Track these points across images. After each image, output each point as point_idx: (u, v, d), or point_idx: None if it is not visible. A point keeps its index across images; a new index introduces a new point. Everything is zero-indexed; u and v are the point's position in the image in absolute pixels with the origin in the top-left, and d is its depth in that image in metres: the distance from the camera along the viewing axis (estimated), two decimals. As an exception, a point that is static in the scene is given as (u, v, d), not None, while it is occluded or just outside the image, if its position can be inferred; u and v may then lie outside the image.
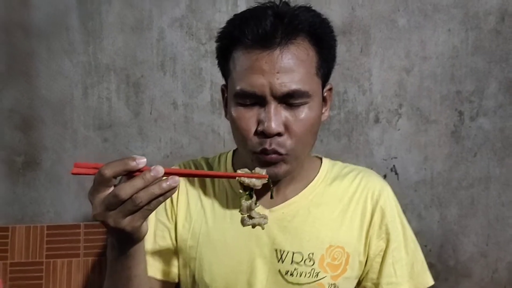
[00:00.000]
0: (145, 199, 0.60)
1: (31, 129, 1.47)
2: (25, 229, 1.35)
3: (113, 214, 0.61)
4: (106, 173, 0.60)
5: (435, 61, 1.50)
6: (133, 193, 0.60)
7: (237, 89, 0.80)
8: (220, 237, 0.89)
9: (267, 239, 0.87)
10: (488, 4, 1.50)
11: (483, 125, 1.52)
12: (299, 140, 0.80)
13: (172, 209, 0.92)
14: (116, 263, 0.71)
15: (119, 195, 0.59)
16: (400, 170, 1.52)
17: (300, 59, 0.79)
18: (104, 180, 0.60)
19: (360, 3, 1.49)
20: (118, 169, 0.60)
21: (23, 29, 1.45)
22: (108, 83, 1.48)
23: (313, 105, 0.81)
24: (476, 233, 1.54)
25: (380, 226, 0.90)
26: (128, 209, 0.60)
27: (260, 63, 0.77)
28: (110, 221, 0.61)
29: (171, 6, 1.47)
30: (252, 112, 0.80)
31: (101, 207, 0.61)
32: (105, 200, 0.61)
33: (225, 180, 0.92)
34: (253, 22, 0.79)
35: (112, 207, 0.60)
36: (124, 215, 0.61)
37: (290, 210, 0.88)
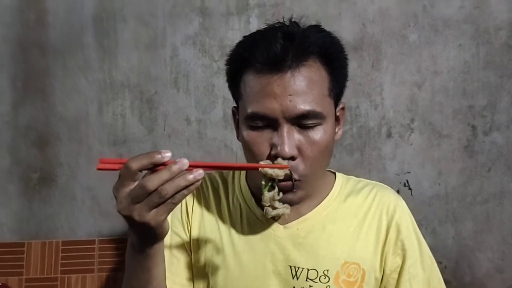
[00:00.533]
0: (170, 191, 0.60)
1: (47, 145, 1.50)
2: (40, 245, 1.36)
3: (138, 207, 0.61)
4: (132, 166, 0.61)
5: (447, 75, 1.51)
6: (160, 185, 0.60)
7: (249, 112, 0.79)
8: (234, 252, 0.88)
9: (281, 256, 0.86)
10: (499, 19, 1.50)
11: (496, 139, 1.51)
12: (313, 163, 0.79)
13: (187, 222, 0.92)
14: (136, 264, 0.71)
15: (146, 186, 0.60)
16: (413, 185, 1.51)
17: (312, 81, 0.78)
18: (130, 174, 0.61)
19: (371, 19, 1.51)
20: (144, 162, 0.61)
21: (40, 48, 1.49)
22: (123, 100, 1.50)
23: (326, 126, 0.80)
24: (491, 249, 1.52)
25: (396, 242, 0.89)
26: (153, 201, 0.61)
27: (272, 87, 0.76)
28: (135, 215, 0.61)
29: (184, 24, 1.50)
30: (264, 135, 0.79)
31: (127, 200, 0.62)
32: (132, 192, 0.61)
33: (240, 195, 0.92)
34: (263, 45, 0.78)
35: (138, 200, 0.61)
36: (150, 208, 0.61)
37: (305, 226, 0.88)
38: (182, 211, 0.93)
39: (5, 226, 1.48)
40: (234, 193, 0.93)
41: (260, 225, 0.88)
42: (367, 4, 1.50)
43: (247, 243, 0.88)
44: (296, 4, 1.50)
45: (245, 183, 0.93)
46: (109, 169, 0.64)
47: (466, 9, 1.50)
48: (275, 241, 0.87)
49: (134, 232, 0.68)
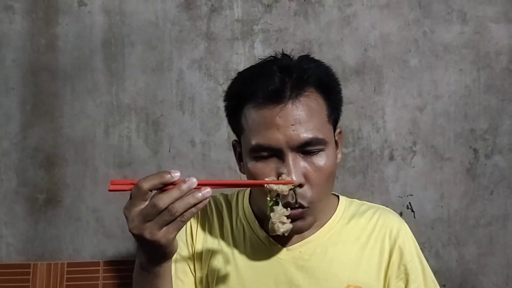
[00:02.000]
0: (181, 209, 0.62)
1: (53, 167, 1.52)
2: (46, 266, 1.37)
3: (149, 225, 0.63)
4: (143, 186, 0.63)
5: (448, 99, 1.53)
6: (170, 203, 0.62)
7: (253, 143, 0.80)
8: (237, 275, 0.89)
9: (284, 278, 0.87)
10: (499, 44, 1.53)
11: (499, 162, 1.52)
12: (320, 189, 0.81)
13: (192, 244, 0.93)
14: (145, 284, 0.72)
15: (157, 204, 0.62)
16: (416, 207, 1.52)
17: (311, 109, 0.80)
18: (141, 193, 0.63)
19: (372, 44, 1.54)
20: (155, 182, 0.63)
21: (49, 71, 1.52)
22: (129, 122, 1.53)
23: (329, 151, 0.82)
24: (495, 273, 1.51)
25: (399, 266, 0.89)
26: (164, 219, 0.62)
27: (274, 119, 0.78)
28: (146, 233, 0.63)
29: (190, 49, 1.54)
30: (270, 165, 0.80)
31: (138, 219, 0.63)
32: (143, 211, 0.63)
33: (243, 218, 0.93)
34: (261, 79, 0.81)
35: (150, 218, 0.63)
36: (160, 226, 0.63)
37: (308, 248, 0.88)
38: (186, 233, 0.94)
39: (12, 247, 1.50)
40: (238, 215, 0.94)
41: (263, 247, 0.89)
42: (369, 30, 1.54)
43: (250, 265, 0.89)
44: (299, 30, 1.53)
45: (249, 206, 0.94)
46: (121, 190, 0.66)
47: (466, 35, 1.54)
48: (278, 263, 0.88)
49: (144, 251, 0.69)
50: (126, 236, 1.50)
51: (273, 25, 1.54)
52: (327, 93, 0.84)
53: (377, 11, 1.54)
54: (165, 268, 0.71)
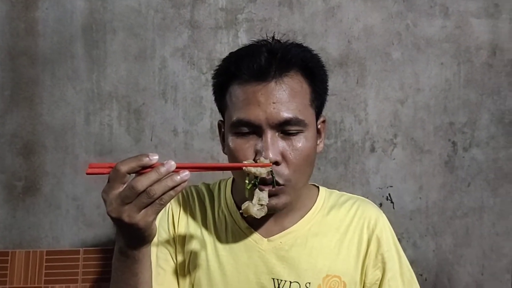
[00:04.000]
0: (159, 192, 0.62)
1: (32, 154, 1.49)
2: (24, 254, 1.35)
3: (127, 208, 0.63)
4: (121, 169, 0.63)
5: (429, 93, 1.55)
6: (148, 186, 0.62)
7: (234, 119, 0.82)
8: (218, 264, 0.89)
9: (264, 269, 0.88)
10: (480, 39, 1.56)
11: (476, 155, 1.55)
12: (296, 169, 0.82)
13: (174, 233, 0.93)
14: (123, 270, 0.71)
15: (135, 186, 0.62)
16: (395, 199, 1.54)
17: (294, 90, 0.82)
18: (119, 176, 0.63)
19: (356, 36, 1.55)
20: (133, 165, 0.63)
21: (29, 56, 1.49)
22: (110, 110, 1.51)
23: (308, 135, 0.83)
24: (471, 263, 1.55)
25: (376, 255, 0.91)
26: (142, 202, 0.62)
27: (256, 95, 0.80)
28: (124, 216, 0.63)
29: (173, 37, 1.52)
30: (249, 142, 0.82)
31: (116, 202, 0.63)
32: (121, 194, 0.63)
33: (225, 208, 0.94)
34: (248, 58, 0.83)
35: (128, 201, 0.63)
36: (139, 209, 0.63)
37: (288, 239, 0.89)
38: (168, 222, 0.94)
39: (-12, 235, 1.47)
40: (220, 206, 0.95)
41: (245, 237, 0.90)
42: (353, 22, 1.54)
43: (231, 255, 0.89)
44: (284, 20, 1.53)
45: (231, 196, 0.95)
46: (99, 173, 0.66)
47: (448, 29, 1.55)
48: (259, 253, 0.89)
49: (123, 235, 0.69)
50: (106, 225, 1.49)
51: (257, 14, 1.53)
52: (312, 79, 0.86)
53: (361, 3, 1.54)
54: (144, 253, 0.71)
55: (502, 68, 1.56)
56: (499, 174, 1.55)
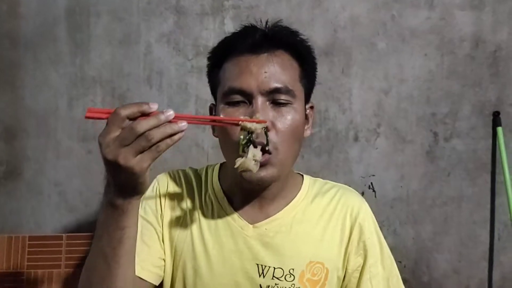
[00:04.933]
0: (157, 137, 0.62)
1: (14, 139, 1.47)
2: (6, 239, 1.34)
3: (124, 150, 0.62)
4: (121, 113, 0.62)
5: (412, 83, 1.57)
6: (147, 130, 0.62)
7: (226, 88, 0.84)
8: (203, 249, 0.90)
9: (249, 254, 0.89)
10: (463, 31, 1.58)
11: (456, 146, 1.58)
12: (285, 139, 0.83)
13: (161, 214, 0.93)
14: (110, 223, 0.70)
15: (135, 128, 0.62)
16: (377, 187, 1.57)
17: (285, 65, 0.85)
18: (118, 120, 0.62)
19: (342, 25, 1.55)
20: (133, 110, 0.63)
21: (10, 39, 1.46)
22: (94, 95, 1.49)
23: (297, 108, 0.85)
24: (449, 250, 1.59)
25: (359, 242, 0.92)
26: (140, 145, 0.62)
27: (249, 66, 0.83)
28: (120, 158, 0.62)
29: (159, 22, 1.50)
30: (240, 110, 0.83)
31: (114, 144, 0.62)
32: (120, 136, 0.62)
33: (212, 194, 0.94)
34: (242, 36, 0.86)
35: (126, 142, 0.62)
36: (135, 153, 0.63)
37: (273, 226, 0.90)
38: (156, 203, 0.94)
39: (-32, 220, 1.46)
40: (207, 191, 0.95)
41: (231, 224, 0.91)
42: (339, 11, 1.55)
43: (217, 240, 0.90)
44: (271, 8, 1.53)
45: (218, 182, 0.95)
46: (97, 118, 0.65)
47: (432, 20, 1.57)
48: (244, 239, 0.90)
49: (115, 182, 0.67)
50: (89, 211, 1.48)
51: (244, 1, 1.52)
52: (301, 60, 0.89)
53: (347, -8, 1.55)
54: (133, 205, 0.70)
55: (484, 60, 1.58)
56: (478, 164, 1.59)
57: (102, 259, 0.72)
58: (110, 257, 0.71)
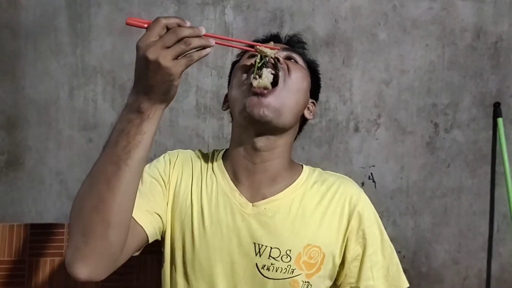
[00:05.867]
0: (194, 44, 0.68)
1: (15, 128, 1.48)
2: (8, 227, 1.34)
3: (165, 51, 0.67)
4: (162, 21, 0.68)
5: (413, 74, 1.57)
6: (187, 36, 0.68)
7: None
8: (202, 223, 0.91)
9: (246, 232, 0.90)
10: (464, 21, 1.57)
11: (457, 137, 1.58)
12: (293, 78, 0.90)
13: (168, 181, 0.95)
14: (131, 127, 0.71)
15: (178, 31, 0.67)
16: (377, 178, 1.57)
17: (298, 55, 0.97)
18: (159, 27, 0.68)
19: (343, 16, 1.55)
20: (172, 20, 0.69)
21: (11, 29, 1.46)
22: (95, 85, 1.49)
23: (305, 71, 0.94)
24: (448, 241, 1.60)
25: (358, 231, 0.93)
26: (180, 47, 0.67)
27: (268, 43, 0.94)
28: (161, 58, 0.67)
29: (159, 12, 1.50)
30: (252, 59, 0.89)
31: (156, 45, 0.67)
32: (163, 38, 0.67)
33: (216, 170, 0.96)
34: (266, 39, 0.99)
35: (168, 44, 0.67)
36: (174, 55, 0.68)
37: (272, 206, 0.92)
38: (165, 169, 0.96)
39: (-30, 209, 1.46)
40: (213, 168, 0.97)
41: (231, 200, 0.92)
42: (340, 2, 1.54)
43: (216, 216, 0.92)
44: (271, -2, 1.52)
45: (221, 162, 0.97)
46: (137, 25, 0.71)
47: (434, 11, 1.56)
48: (243, 217, 0.91)
49: (148, 84, 0.70)
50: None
51: (245, -9, 1.52)
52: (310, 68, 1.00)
53: (349, -18, 1.54)
54: (159, 113, 0.73)
55: (485, 51, 1.58)
56: (478, 156, 1.59)
57: (114, 162, 0.72)
58: (123, 159, 0.72)
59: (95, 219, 0.73)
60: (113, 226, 0.74)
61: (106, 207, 0.73)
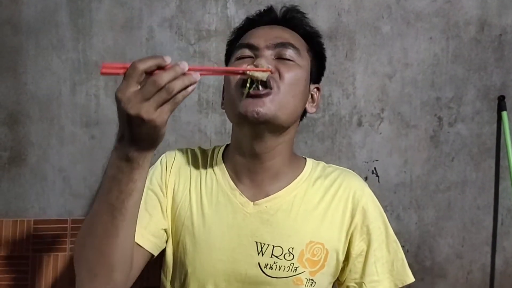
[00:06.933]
0: (177, 88, 0.64)
1: (17, 124, 1.47)
2: (12, 223, 1.35)
3: (146, 104, 0.63)
4: (139, 67, 0.63)
5: (417, 68, 1.56)
6: (168, 82, 0.64)
7: (236, 45, 0.93)
8: (203, 224, 0.91)
9: (248, 231, 0.89)
10: (468, 14, 1.56)
11: (461, 130, 1.57)
12: (287, 84, 0.87)
13: (165, 186, 0.94)
14: (121, 177, 0.70)
15: (157, 81, 0.63)
16: (380, 172, 1.57)
17: (294, 36, 0.94)
18: (136, 74, 0.63)
19: (346, 9, 1.53)
20: (150, 63, 0.64)
21: (12, 25, 1.45)
22: (97, 81, 1.49)
23: (302, 67, 0.91)
24: (452, 235, 1.59)
25: (362, 226, 0.93)
26: (162, 97, 0.64)
27: (262, 30, 0.93)
28: (143, 112, 0.63)
29: (161, 6, 1.49)
30: (246, 61, 0.88)
31: (136, 98, 0.63)
32: (142, 90, 0.63)
33: (215, 170, 0.95)
34: (260, 15, 0.99)
35: (148, 96, 0.63)
36: (157, 106, 0.64)
37: (274, 204, 0.91)
38: (162, 175, 0.95)
39: (-26, 204, 1.46)
40: (212, 167, 0.97)
41: (231, 199, 0.92)
42: (343, -6, 1.53)
43: (217, 216, 0.91)
44: (274, -9, 1.51)
45: (221, 160, 0.97)
46: (114, 73, 0.66)
47: (437, 3, 1.55)
48: (244, 216, 0.90)
49: (134, 137, 0.68)
50: (93, 196, 1.49)
51: (247, -15, 1.50)
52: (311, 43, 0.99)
53: (351, -25, 1.53)
54: (148, 158, 0.72)
55: (489, 44, 1.56)
56: (482, 149, 1.58)
57: (109, 212, 0.72)
58: (118, 209, 0.71)
59: (98, 263, 0.74)
60: (117, 268, 0.74)
61: (107, 254, 0.73)
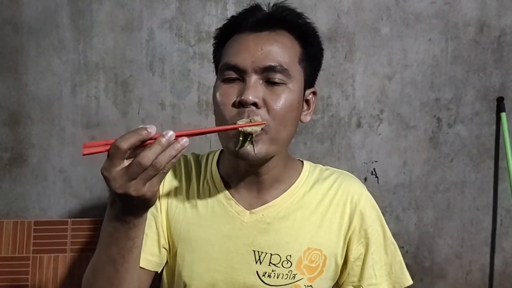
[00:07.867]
0: (164, 162, 0.63)
1: (18, 125, 1.48)
2: (12, 224, 1.35)
3: (134, 183, 0.63)
4: (122, 146, 0.62)
5: (416, 69, 1.56)
6: (154, 159, 0.62)
7: (222, 64, 0.85)
8: (200, 235, 0.90)
9: (246, 240, 0.89)
10: (468, 15, 1.56)
11: (460, 131, 1.58)
12: (276, 117, 0.81)
13: (158, 200, 0.93)
14: (119, 235, 0.70)
15: (142, 162, 0.62)
16: (380, 173, 1.57)
17: (284, 45, 0.84)
18: (120, 153, 0.62)
19: (345, 10, 1.54)
20: (133, 140, 0.62)
21: (13, 26, 1.46)
22: (97, 82, 1.49)
23: (293, 89, 0.83)
24: (451, 236, 1.60)
25: (360, 230, 0.92)
26: (149, 174, 0.63)
27: (248, 42, 0.83)
28: (131, 191, 0.63)
29: (161, 7, 1.50)
30: (234, 87, 0.83)
31: (122, 178, 0.63)
32: (128, 171, 0.62)
33: (210, 179, 0.94)
34: (246, 14, 0.88)
35: (134, 176, 0.63)
36: (145, 182, 0.63)
37: (270, 212, 0.90)
38: None
39: (-25, 205, 1.47)
40: (206, 177, 0.95)
41: (227, 209, 0.91)
42: (342, -4, 1.53)
43: (213, 226, 0.90)
44: (273, -7, 1.51)
45: (216, 168, 0.95)
46: (96, 152, 0.64)
47: (437, 5, 1.55)
48: (241, 225, 0.90)
49: (124, 206, 0.67)
50: (93, 197, 1.49)
51: (246, -14, 1.51)
52: (304, 43, 0.88)
53: (351, -23, 1.53)
54: (143, 218, 0.72)
55: (488, 45, 1.57)
56: (482, 150, 1.59)
57: (111, 265, 0.73)
58: (120, 263, 0.72)
59: None
60: None
61: None
